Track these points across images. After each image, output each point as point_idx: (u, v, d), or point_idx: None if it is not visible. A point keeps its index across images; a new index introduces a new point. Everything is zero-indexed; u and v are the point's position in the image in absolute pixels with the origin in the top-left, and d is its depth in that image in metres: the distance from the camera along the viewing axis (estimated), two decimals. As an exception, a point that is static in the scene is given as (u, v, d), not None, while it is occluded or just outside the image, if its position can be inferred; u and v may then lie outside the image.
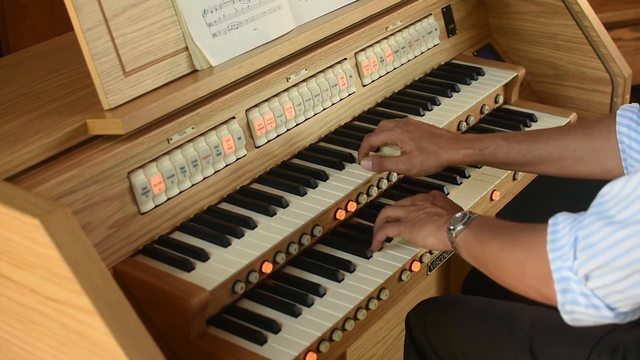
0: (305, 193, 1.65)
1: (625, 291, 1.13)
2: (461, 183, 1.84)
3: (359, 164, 1.74)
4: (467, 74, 2.14)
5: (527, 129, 2.06)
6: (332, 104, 1.89)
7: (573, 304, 1.17)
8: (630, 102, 2.31)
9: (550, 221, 1.20)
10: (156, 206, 1.53)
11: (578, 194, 3.33)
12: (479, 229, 1.40)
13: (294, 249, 1.56)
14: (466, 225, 1.42)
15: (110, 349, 1.10)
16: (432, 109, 1.99)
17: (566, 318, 1.21)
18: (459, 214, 1.45)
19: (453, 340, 1.65)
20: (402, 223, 1.55)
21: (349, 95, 1.94)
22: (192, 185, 1.59)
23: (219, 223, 1.56)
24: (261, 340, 1.38)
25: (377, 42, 2.02)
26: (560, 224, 1.19)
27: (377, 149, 1.79)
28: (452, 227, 1.44)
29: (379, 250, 1.59)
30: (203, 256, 1.47)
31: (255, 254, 1.48)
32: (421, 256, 1.61)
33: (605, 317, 1.17)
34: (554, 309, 1.23)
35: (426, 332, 1.70)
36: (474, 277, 1.99)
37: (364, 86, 1.98)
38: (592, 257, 1.13)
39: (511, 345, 1.58)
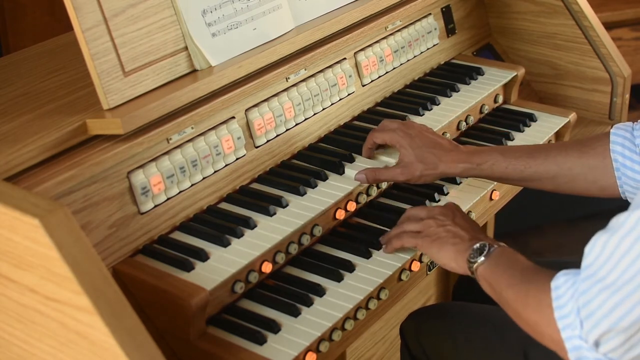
0: (305, 193, 1.65)
1: (636, 348, 1.16)
2: (460, 183, 1.84)
3: (366, 157, 1.75)
4: (467, 74, 2.14)
5: (526, 128, 2.06)
6: (332, 104, 1.89)
7: None
8: (630, 102, 2.31)
9: (552, 285, 1.22)
10: (156, 206, 1.53)
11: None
12: (496, 267, 1.40)
13: (293, 249, 1.56)
14: (487, 257, 1.42)
15: (110, 349, 1.10)
16: (431, 109, 1.99)
17: None
18: (477, 245, 1.44)
19: (446, 348, 1.66)
20: (420, 236, 1.54)
21: (349, 95, 1.94)
22: (192, 185, 1.59)
23: (218, 223, 1.56)
24: (261, 340, 1.38)
25: (377, 41, 2.02)
26: (562, 288, 1.21)
27: (378, 147, 1.79)
28: (472, 260, 1.43)
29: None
30: (203, 256, 1.47)
31: (255, 254, 1.48)
32: (421, 256, 1.61)
33: None
34: None
35: (420, 341, 1.70)
36: (465, 282, 2.00)
37: (363, 86, 1.98)
38: (596, 325, 1.15)
39: (504, 352, 1.59)
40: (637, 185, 1.56)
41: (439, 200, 1.77)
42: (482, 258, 1.42)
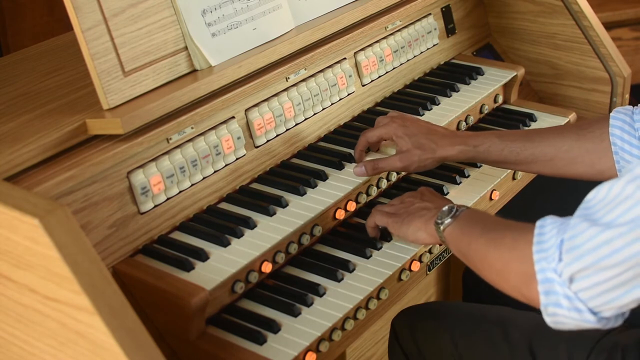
0: (305, 193, 1.65)
1: (608, 293, 1.12)
2: (460, 183, 1.84)
3: (356, 161, 1.75)
4: (467, 74, 2.14)
5: (526, 128, 2.06)
6: (332, 104, 1.89)
7: (556, 306, 1.17)
8: (630, 102, 2.31)
9: (538, 223, 1.20)
10: (156, 206, 1.53)
11: (575, 194, 3.33)
12: (466, 223, 1.40)
13: (293, 249, 1.56)
14: (454, 218, 1.42)
15: (110, 349, 1.10)
16: (431, 109, 1.99)
17: (548, 320, 1.20)
18: (446, 207, 1.44)
19: (444, 345, 1.65)
20: (391, 217, 1.55)
21: (349, 95, 1.94)
22: (192, 185, 1.59)
23: (218, 223, 1.56)
24: (261, 340, 1.38)
25: (377, 41, 2.02)
26: (548, 227, 1.19)
27: (377, 149, 1.79)
28: (439, 221, 1.43)
29: (377, 239, 1.60)
30: (202, 256, 1.47)
31: (255, 254, 1.48)
32: (420, 256, 1.61)
33: (588, 321, 1.16)
34: None
35: (415, 337, 1.70)
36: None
37: (363, 86, 1.98)
38: (577, 259, 1.12)
39: (508, 348, 1.58)
40: None
41: (438, 200, 1.77)
42: (449, 219, 1.42)
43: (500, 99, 2.17)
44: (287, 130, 1.78)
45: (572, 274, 1.13)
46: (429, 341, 1.68)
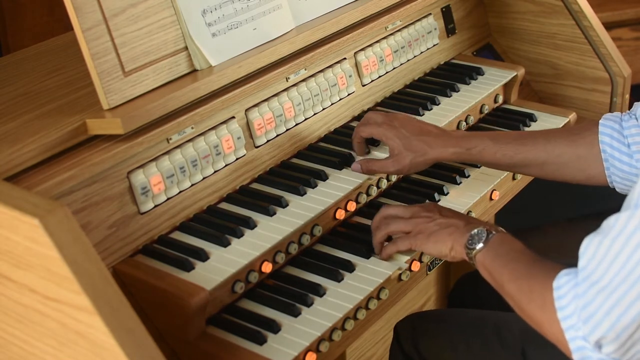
0: (305, 193, 1.65)
1: (636, 346, 1.16)
2: (460, 183, 1.84)
3: (357, 153, 1.75)
4: (467, 74, 2.14)
5: (526, 128, 2.06)
6: (332, 104, 1.89)
7: None
8: (630, 102, 2.31)
9: (554, 284, 1.22)
10: (156, 206, 1.53)
11: (575, 193, 3.33)
12: (496, 257, 1.38)
13: (293, 249, 1.56)
14: (485, 244, 1.41)
15: (110, 349, 1.10)
16: (431, 109, 1.99)
17: None
18: (475, 231, 1.43)
19: (444, 351, 1.66)
20: (412, 236, 1.52)
21: (349, 95, 1.94)
22: (192, 185, 1.59)
23: (218, 223, 1.56)
24: (261, 340, 1.38)
25: (377, 41, 2.02)
26: (564, 288, 1.20)
27: (377, 143, 1.79)
28: (470, 247, 1.42)
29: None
30: (203, 256, 1.47)
31: (255, 254, 1.48)
32: (421, 255, 1.61)
33: None
34: None
35: (416, 343, 1.70)
36: (461, 289, 2.00)
37: (363, 86, 1.98)
38: (596, 326, 1.16)
39: (504, 353, 1.59)
40: (625, 176, 1.57)
41: (439, 200, 1.77)
42: (481, 245, 1.41)
43: (501, 99, 2.17)
44: (287, 130, 1.78)
45: (597, 340, 1.17)
46: (429, 347, 1.69)
